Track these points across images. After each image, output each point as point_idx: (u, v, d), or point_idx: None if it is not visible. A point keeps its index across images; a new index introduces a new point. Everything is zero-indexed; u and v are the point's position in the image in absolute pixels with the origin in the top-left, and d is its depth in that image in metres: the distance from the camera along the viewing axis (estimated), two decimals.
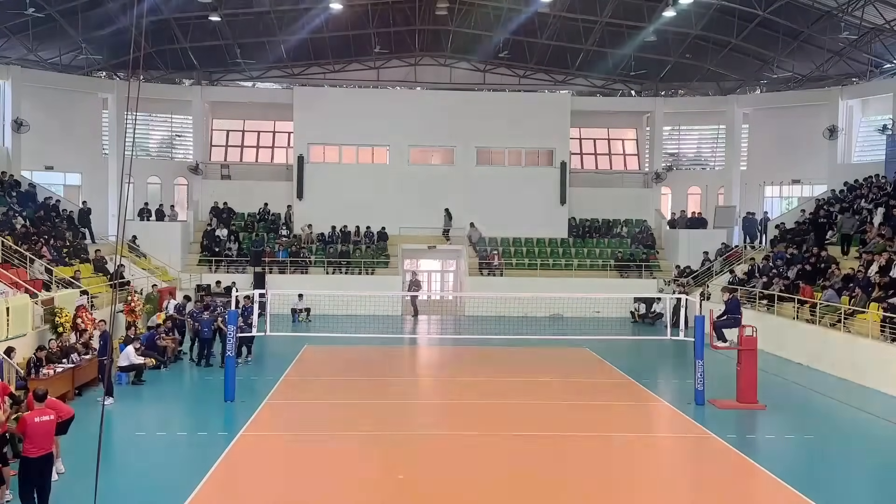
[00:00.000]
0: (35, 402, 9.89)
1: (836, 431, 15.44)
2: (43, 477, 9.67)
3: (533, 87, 39.61)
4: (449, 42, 37.38)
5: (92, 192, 33.53)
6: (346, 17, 34.00)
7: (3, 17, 29.58)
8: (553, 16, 33.79)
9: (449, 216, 35.59)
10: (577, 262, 34.75)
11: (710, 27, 32.92)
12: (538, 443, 14.04)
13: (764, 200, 36.53)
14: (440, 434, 14.62)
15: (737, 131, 37.21)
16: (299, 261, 33.74)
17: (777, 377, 20.27)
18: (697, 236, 34.74)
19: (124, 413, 15.80)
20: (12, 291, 18.94)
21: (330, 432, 14.59)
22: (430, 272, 38.39)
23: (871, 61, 32.77)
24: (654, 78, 38.14)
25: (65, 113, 33.36)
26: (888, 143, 30.66)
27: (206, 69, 37.80)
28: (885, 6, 28.22)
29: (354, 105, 36.61)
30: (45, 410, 9.88)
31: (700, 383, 16.85)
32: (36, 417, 9.64)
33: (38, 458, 9.55)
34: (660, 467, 13.33)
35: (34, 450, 9.53)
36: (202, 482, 11.48)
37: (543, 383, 19.33)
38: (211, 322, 21.02)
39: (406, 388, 19.28)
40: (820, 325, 22.08)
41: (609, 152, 40.25)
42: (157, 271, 30.56)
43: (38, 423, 9.60)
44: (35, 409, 9.81)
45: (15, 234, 24.33)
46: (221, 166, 37.65)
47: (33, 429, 9.54)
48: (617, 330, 28.32)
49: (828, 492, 11.56)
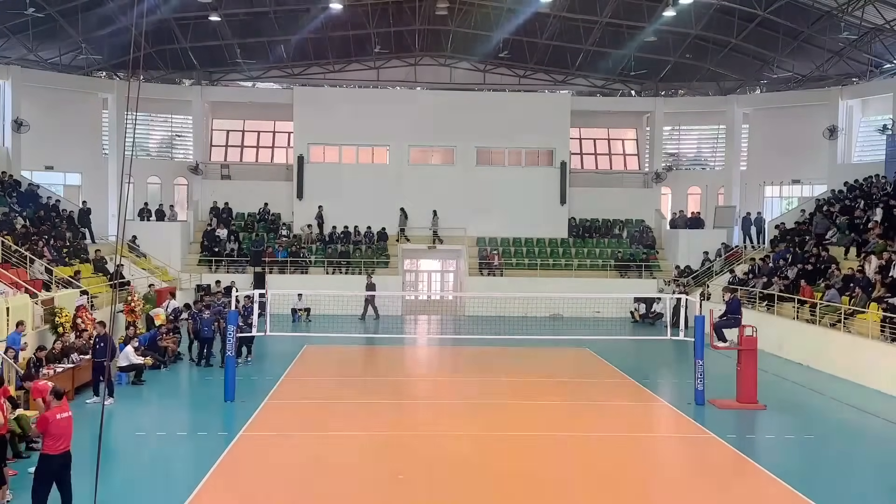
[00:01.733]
0: (54, 399, 9.91)
1: (836, 431, 15.44)
2: (64, 474, 9.70)
3: (533, 87, 39.61)
4: (449, 42, 37.37)
5: (92, 192, 33.53)
6: (346, 17, 33.99)
7: (3, 17, 29.58)
8: (553, 16, 33.78)
9: (404, 215, 35.64)
10: (577, 263, 34.75)
11: (709, 27, 32.92)
12: (538, 443, 14.04)
13: (764, 200, 36.56)
14: (440, 434, 14.61)
15: (737, 131, 37.21)
16: (299, 261, 33.76)
17: (777, 377, 20.27)
18: (697, 236, 34.76)
19: (124, 413, 15.80)
20: (12, 291, 18.95)
21: (330, 432, 14.59)
22: (430, 272, 38.45)
23: (871, 61, 32.78)
24: (654, 78, 38.14)
25: (65, 113, 33.34)
26: (888, 143, 30.66)
27: (206, 69, 37.80)
28: (885, 6, 28.22)
29: (354, 105, 36.62)
30: (65, 407, 9.91)
31: (700, 383, 16.85)
32: (57, 415, 9.68)
33: (60, 454, 9.61)
34: (660, 467, 13.33)
35: (56, 447, 9.57)
36: (202, 482, 11.48)
37: (543, 383, 19.32)
38: (212, 321, 20.99)
39: (406, 388, 19.28)
40: (820, 326, 22.08)
41: (609, 152, 40.25)
42: (157, 271, 30.56)
43: (60, 419, 9.66)
44: (54, 406, 9.84)
45: (15, 234, 24.33)
46: (221, 166, 37.66)
47: (56, 426, 9.59)
48: (617, 330, 28.30)
49: (828, 492, 11.57)
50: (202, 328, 20.93)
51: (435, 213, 35.49)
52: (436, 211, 35.46)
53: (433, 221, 35.51)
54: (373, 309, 30.59)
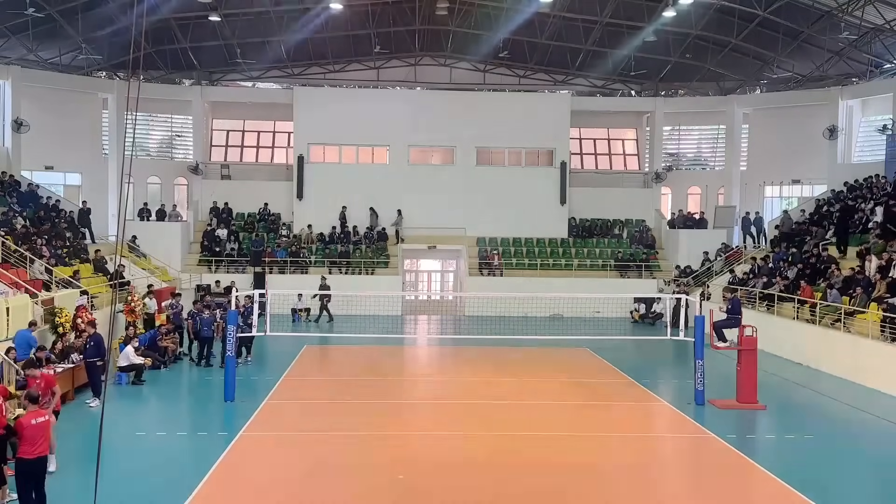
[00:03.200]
0: (29, 403, 9.88)
1: (836, 431, 15.44)
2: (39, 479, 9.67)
3: (533, 87, 39.62)
4: (449, 42, 37.38)
5: (92, 192, 33.53)
6: (346, 17, 34.00)
7: (3, 17, 29.58)
8: (553, 16, 33.78)
9: (374, 214, 35.66)
10: (577, 263, 34.76)
11: (709, 27, 32.93)
12: (538, 443, 14.03)
13: (764, 200, 36.56)
14: (440, 434, 14.61)
15: (737, 131, 37.21)
16: (299, 261, 33.75)
17: (777, 377, 20.27)
18: (697, 236, 34.76)
19: (124, 413, 15.79)
20: (12, 291, 18.95)
21: (330, 432, 14.58)
22: (430, 272, 38.45)
23: (871, 61, 32.78)
24: (654, 78, 38.14)
25: (65, 113, 33.34)
26: (888, 143, 30.67)
27: (206, 69, 37.80)
28: (885, 6, 28.22)
29: (354, 105, 36.63)
30: (41, 412, 9.88)
31: (700, 383, 16.86)
32: (33, 419, 9.64)
33: (34, 459, 9.56)
34: (660, 467, 13.33)
35: (31, 451, 9.53)
36: (202, 482, 11.48)
37: (543, 383, 19.33)
38: (212, 321, 21.00)
39: (406, 388, 19.29)
40: (820, 326, 22.08)
41: (609, 152, 40.26)
42: (157, 271, 30.56)
43: (35, 424, 9.61)
44: (30, 410, 9.81)
45: (15, 234, 24.32)
46: (221, 166, 37.67)
47: (30, 431, 9.55)
48: (617, 330, 28.30)
49: (828, 492, 11.57)
50: (202, 328, 20.94)
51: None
52: (400, 210, 35.51)
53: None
54: (327, 312, 29.74)
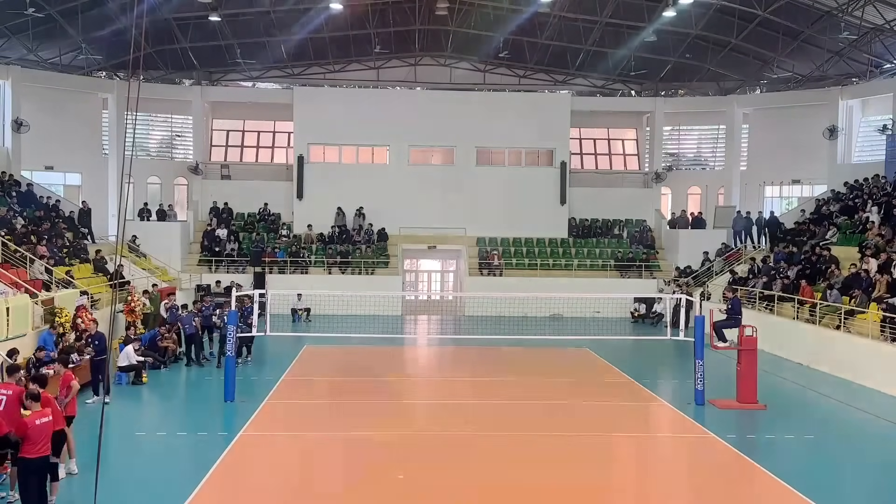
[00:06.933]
0: (32, 402, 9.87)
1: (836, 431, 15.45)
2: (41, 479, 9.66)
3: (533, 87, 39.61)
4: (449, 42, 37.37)
5: (92, 192, 33.52)
6: (346, 17, 33.98)
7: (3, 17, 29.58)
8: (553, 16, 33.78)
9: (341, 214, 35.64)
10: (577, 263, 34.76)
11: (710, 27, 32.92)
12: (538, 443, 14.03)
13: (764, 200, 36.54)
14: (440, 434, 14.61)
15: (737, 131, 37.21)
16: (299, 261, 33.75)
17: (777, 377, 20.27)
18: (697, 236, 34.75)
19: (124, 413, 15.80)
20: (12, 291, 18.94)
21: (330, 432, 14.59)
22: (430, 272, 38.44)
23: (871, 61, 32.78)
24: (654, 78, 38.14)
25: (65, 113, 33.35)
26: (888, 143, 30.66)
27: (206, 69, 37.81)
28: (885, 6, 28.23)
29: (354, 105, 36.62)
30: (45, 412, 9.87)
31: (700, 383, 16.84)
32: (37, 420, 9.63)
33: (38, 458, 9.55)
34: (660, 467, 13.33)
35: (34, 451, 9.53)
36: (202, 482, 11.47)
37: (543, 383, 19.32)
38: (191, 318, 21.20)
39: (406, 388, 19.26)
40: (820, 325, 22.07)
41: (609, 152, 40.25)
42: (157, 271, 30.56)
43: (39, 425, 9.60)
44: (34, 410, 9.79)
45: (15, 234, 24.32)
46: (221, 166, 37.67)
47: (34, 431, 9.54)
48: (617, 330, 28.30)
49: (828, 492, 11.56)
50: (183, 325, 21.13)
51: (340, 211, 35.58)
52: (341, 208, 35.49)
53: (337, 218, 35.58)
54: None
